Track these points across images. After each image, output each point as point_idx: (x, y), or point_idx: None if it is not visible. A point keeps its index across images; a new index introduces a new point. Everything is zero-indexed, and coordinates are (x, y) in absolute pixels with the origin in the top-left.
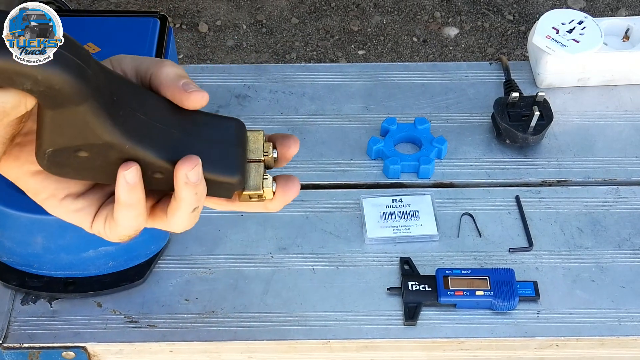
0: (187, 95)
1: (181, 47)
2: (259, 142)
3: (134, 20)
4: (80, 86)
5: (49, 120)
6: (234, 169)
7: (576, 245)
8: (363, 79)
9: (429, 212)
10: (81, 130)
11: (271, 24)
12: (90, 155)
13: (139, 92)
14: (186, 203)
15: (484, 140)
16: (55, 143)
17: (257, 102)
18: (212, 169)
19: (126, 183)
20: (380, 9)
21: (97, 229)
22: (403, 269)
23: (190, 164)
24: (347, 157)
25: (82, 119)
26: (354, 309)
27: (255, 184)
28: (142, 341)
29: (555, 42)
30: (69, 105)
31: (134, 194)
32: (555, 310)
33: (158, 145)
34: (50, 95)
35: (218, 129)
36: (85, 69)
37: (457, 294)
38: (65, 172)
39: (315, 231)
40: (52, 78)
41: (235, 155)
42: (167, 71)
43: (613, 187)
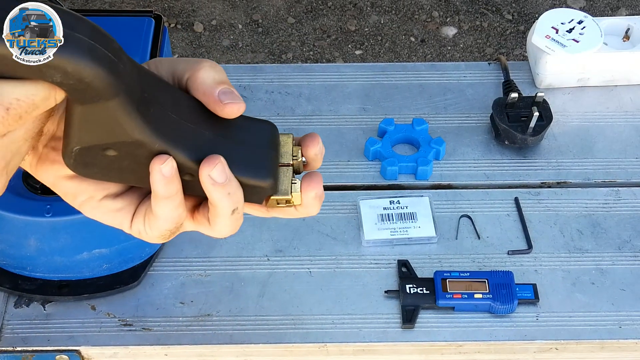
0: (222, 106)
1: (176, 47)
2: (288, 146)
3: (128, 19)
4: (111, 80)
5: (77, 116)
6: (266, 173)
7: (576, 248)
8: (360, 79)
9: (427, 214)
10: (110, 127)
11: (267, 24)
12: (118, 154)
13: (171, 90)
14: (222, 206)
15: (483, 141)
16: (83, 141)
17: (253, 102)
18: (244, 171)
19: (162, 176)
20: (378, 8)
21: (136, 228)
22: (401, 272)
23: (212, 164)
24: (344, 158)
25: (111, 115)
26: (351, 312)
27: (284, 188)
28: (137, 345)
29: (554, 42)
30: (98, 100)
31: (172, 186)
32: (555, 313)
33: (188, 145)
34: (80, 88)
35: (251, 131)
36: (117, 62)
37: (455, 296)
38: (92, 172)
39: (311, 233)
40: (83, 71)
41: (268, 159)
42: (204, 76)
43: (613, 189)
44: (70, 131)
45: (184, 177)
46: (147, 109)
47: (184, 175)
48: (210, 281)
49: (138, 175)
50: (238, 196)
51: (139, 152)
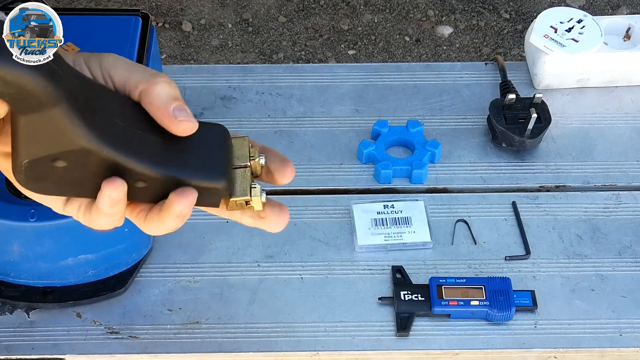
0: (176, 123)
1: (164, 46)
2: (244, 149)
3: (115, 19)
4: (52, 87)
5: (22, 127)
6: (218, 174)
7: (575, 253)
8: (353, 80)
9: (422, 219)
10: (56, 136)
11: (258, 23)
12: (68, 164)
13: (116, 98)
14: (172, 225)
15: (479, 144)
16: (31, 153)
17: (243, 104)
18: (196, 175)
19: (110, 199)
20: (371, 7)
21: (70, 211)
22: (395, 278)
23: (188, 200)
24: (337, 162)
25: (55, 124)
26: (343, 319)
27: (242, 189)
28: (124, 353)
29: (553, 41)
30: (41, 109)
31: (117, 207)
32: (554, 320)
33: (138, 151)
34: (21, 98)
35: (201, 134)
36: (57, 70)
37: (451, 303)
38: (44, 188)
39: (303, 238)
40: (22, 79)
41: (220, 160)
42: (160, 91)
43: (613, 193)
44: (18, 145)
45: (136, 184)
46: (92, 115)
47: (136, 182)
48: (199, 288)
49: (93, 187)
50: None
51: (88, 161)
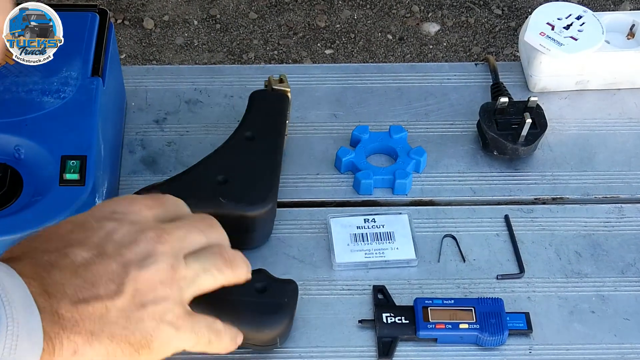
0: None
1: (124, 45)
2: None
3: (69, 15)
4: None
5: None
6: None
7: (574, 272)
8: (331, 82)
9: (405, 234)
10: None
11: (226, 20)
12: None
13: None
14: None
15: (469, 152)
16: None
17: (210, 108)
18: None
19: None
20: (351, 2)
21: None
22: (376, 299)
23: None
24: (313, 171)
25: None
26: (320, 344)
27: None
28: None
29: (550, 39)
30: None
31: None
32: (550, 345)
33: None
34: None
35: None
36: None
37: (438, 327)
38: None
39: (276, 255)
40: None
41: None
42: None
43: (616, 206)
44: None
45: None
46: None
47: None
48: None
49: None
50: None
51: None
